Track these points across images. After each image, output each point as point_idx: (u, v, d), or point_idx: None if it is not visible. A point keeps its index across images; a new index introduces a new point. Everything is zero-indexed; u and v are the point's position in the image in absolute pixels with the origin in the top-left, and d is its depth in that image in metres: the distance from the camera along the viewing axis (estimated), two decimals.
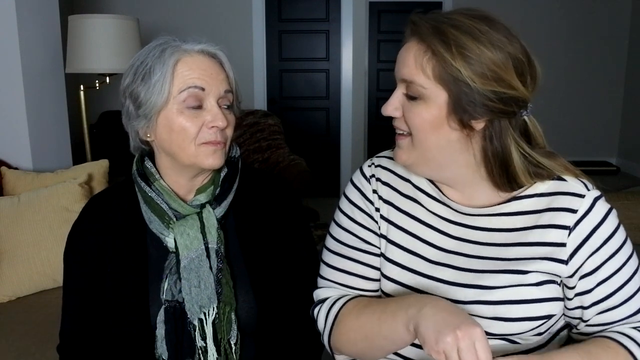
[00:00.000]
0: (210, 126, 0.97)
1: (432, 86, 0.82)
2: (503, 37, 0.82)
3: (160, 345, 0.98)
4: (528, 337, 0.88)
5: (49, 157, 2.48)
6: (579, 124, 5.65)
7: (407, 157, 0.90)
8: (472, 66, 0.80)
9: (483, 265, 0.88)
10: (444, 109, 0.83)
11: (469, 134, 0.85)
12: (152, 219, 1.01)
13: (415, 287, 0.92)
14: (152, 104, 0.96)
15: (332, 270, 1.01)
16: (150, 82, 0.96)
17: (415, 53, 0.84)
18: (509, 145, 0.84)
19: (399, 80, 0.88)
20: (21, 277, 1.83)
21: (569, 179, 0.89)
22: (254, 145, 3.72)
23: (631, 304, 0.86)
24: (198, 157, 0.98)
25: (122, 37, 2.51)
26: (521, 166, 0.85)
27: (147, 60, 0.97)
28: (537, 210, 0.88)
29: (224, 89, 0.99)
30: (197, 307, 0.98)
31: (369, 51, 5.23)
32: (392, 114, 0.89)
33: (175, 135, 0.97)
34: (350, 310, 0.93)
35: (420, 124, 0.85)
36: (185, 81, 0.96)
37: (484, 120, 0.83)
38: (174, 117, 0.97)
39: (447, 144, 0.85)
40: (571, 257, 0.85)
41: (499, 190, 0.89)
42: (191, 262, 0.99)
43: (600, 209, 0.86)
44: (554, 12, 5.46)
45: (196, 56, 0.98)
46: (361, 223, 0.99)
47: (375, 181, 1.00)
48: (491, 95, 0.80)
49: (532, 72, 0.85)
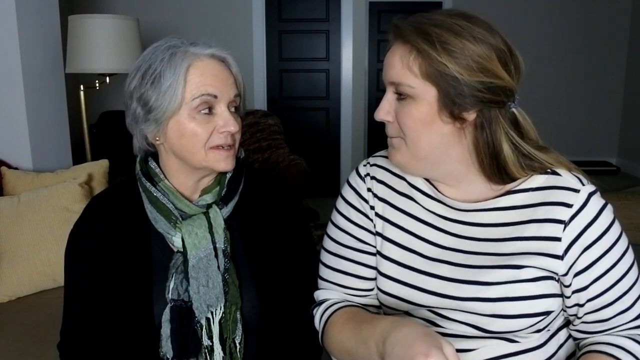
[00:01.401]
0: (222, 131, 0.98)
1: (421, 84, 0.84)
2: (483, 30, 0.84)
3: (165, 344, 0.99)
4: (527, 335, 0.88)
5: (49, 157, 2.48)
6: (579, 124, 5.65)
7: (401, 157, 0.91)
8: (457, 59, 0.81)
9: (480, 261, 0.89)
10: (435, 105, 0.84)
11: (461, 126, 0.86)
12: (158, 219, 1.02)
13: (412, 284, 0.92)
14: (163, 109, 0.96)
15: (329, 270, 1.02)
16: (161, 88, 0.95)
17: (400, 54, 0.85)
18: (499, 135, 0.86)
19: (387, 83, 0.89)
20: (21, 277, 1.83)
21: (563, 174, 0.90)
22: (254, 145, 3.72)
23: (625, 300, 0.87)
24: (209, 161, 0.99)
25: (122, 37, 2.51)
26: (512, 156, 0.87)
27: (155, 64, 0.97)
28: (531, 205, 0.89)
29: (234, 93, 1.00)
30: (205, 306, 0.99)
31: (369, 51, 5.23)
32: (384, 119, 0.90)
33: (186, 140, 0.98)
34: (336, 323, 0.95)
35: (412, 123, 0.86)
36: (198, 88, 0.96)
37: (474, 111, 0.84)
38: (186, 123, 0.97)
39: (441, 139, 0.86)
40: (566, 252, 0.86)
41: (491, 182, 0.90)
42: (200, 262, 0.99)
43: (595, 204, 0.87)
44: (554, 12, 5.46)
45: (207, 61, 0.98)
46: (357, 222, 0.99)
47: (370, 179, 1.00)
48: (479, 86, 0.82)
49: (515, 62, 0.86)
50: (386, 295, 0.95)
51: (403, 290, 0.93)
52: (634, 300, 0.88)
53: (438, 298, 0.90)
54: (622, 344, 0.87)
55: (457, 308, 0.88)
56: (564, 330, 0.95)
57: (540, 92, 5.35)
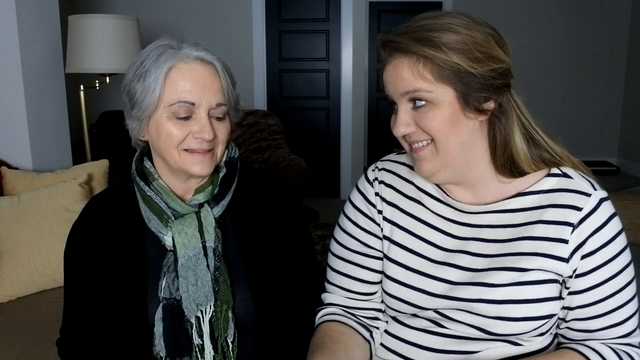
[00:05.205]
0: (196, 136, 0.97)
1: (437, 88, 0.84)
2: (470, 20, 0.85)
3: (158, 342, 0.99)
4: (531, 339, 0.88)
5: (49, 157, 2.48)
6: (579, 124, 5.64)
7: (433, 166, 0.89)
8: (466, 55, 0.82)
9: (487, 264, 0.88)
10: (456, 104, 0.84)
11: (484, 119, 0.87)
12: (151, 218, 1.02)
13: (418, 287, 0.92)
14: (144, 106, 0.97)
15: (335, 274, 1.03)
16: (144, 84, 0.96)
17: (408, 66, 0.85)
18: (512, 121, 0.88)
19: (399, 96, 0.87)
20: (21, 277, 1.83)
21: (575, 176, 0.89)
22: (254, 145, 3.72)
23: (615, 315, 0.86)
24: (184, 163, 0.99)
25: (122, 37, 2.51)
26: (523, 146, 0.88)
27: (146, 61, 0.97)
28: (541, 206, 0.88)
29: (217, 101, 0.99)
30: (194, 305, 0.99)
31: (369, 51, 5.22)
32: (406, 132, 0.88)
33: (163, 139, 0.98)
34: (312, 342, 0.97)
35: (439, 126, 0.85)
36: (177, 94, 0.96)
37: (493, 100, 0.86)
38: (162, 122, 0.98)
39: (468, 137, 0.87)
40: (572, 255, 0.85)
41: (500, 175, 0.90)
42: (188, 260, 0.99)
43: (605, 210, 0.86)
44: (554, 12, 5.45)
45: (192, 64, 0.97)
46: (364, 227, 1.00)
47: (379, 184, 1.00)
48: (492, 74, 0.83)
49: (504, 41, 0.88)
50: (392, 298, 0.95)
51: (409, 293, 0.93)
52: (626, 317, 0.87)
53: (444, 300, 0.89)
54: (597, 348, 0.86)
55: (462, 309, 0.88)
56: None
57: (540, 92, 5.34)
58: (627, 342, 0.87)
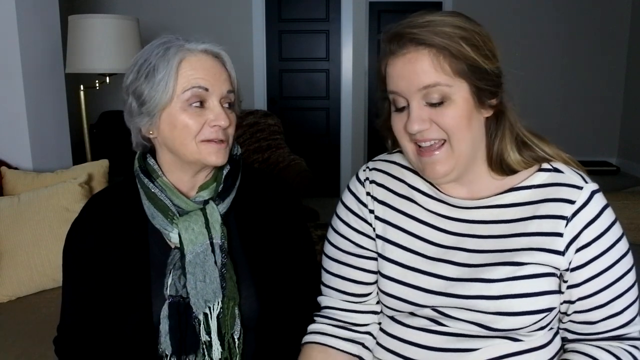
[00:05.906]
0: (213, 125, 0.98)
1: (456, 82, 0.84)
2: (469, 20, 0.87)
3: (164, 340, 0.99)
4: (531, 334, 0.88)
5: (49, 157, 2.48)
6: (579, 124, 5.64)
7: (448, 167, 0.88)
8: (479, 51, 0.84)
9: (483, 259, 0.89)
10: (470, 100, 0.85)
11: (490, 115, 0.89)
12: (155, 215, 1.02)
13: (415, 285, 0.92)
14: (155, 101, 0.97)
15: (330, 276, 1.03)
16: (154, 80, 0.96)
17: (429, 58, 0.83)
18: (510, 117, 0.90)
19: (414, 92, 0.85)
20: (21, 277, 1.83)
21: (566, 171, 0.90)
22: (254, 145, 3.72)
23: (616, 304, 0.87)
24: (201, 154, 0.99)
25: (122, 37, 2.51)
26: (513, 148, 0.90)
27: (150, 59, 0.98)
28: (534, 201, 0.89)
29: (227, 89, 1.01)
30: (202, 302, 0.99)
31: (369, 51, 5.22)
32: (422, 128, 0.85)
33: (178, 132, 0.98)
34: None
35: (456, 122, 0.85)
36: (189, 81, 0.97)
37: (495, 98, 0.88)
38: (177, 115, 0.98)
39: (478, 133, 0.89)
40: (567, 248, 0.86)
41: (493, 172, 0.92)
42: (196, 257, 1.00)
43: (597, 202, 0.87)
44: (554, 12, 5.45)
45: (200, 55, 0.99)
46: (356, 228, 1.00)
47: (370, 184, 1.00)
48: (497, 71, 0.86)
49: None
50: (389, 297, 0.95)
51: (405, 291, 0.93)
52: (625, 306, 0.87)
53: (441, 297, 0.90)
54: (596, 355, 0.87)
55: (461, 306, 0.88)
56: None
57: (540, 92, 5.34)
58: (627, 332, 0.89)
